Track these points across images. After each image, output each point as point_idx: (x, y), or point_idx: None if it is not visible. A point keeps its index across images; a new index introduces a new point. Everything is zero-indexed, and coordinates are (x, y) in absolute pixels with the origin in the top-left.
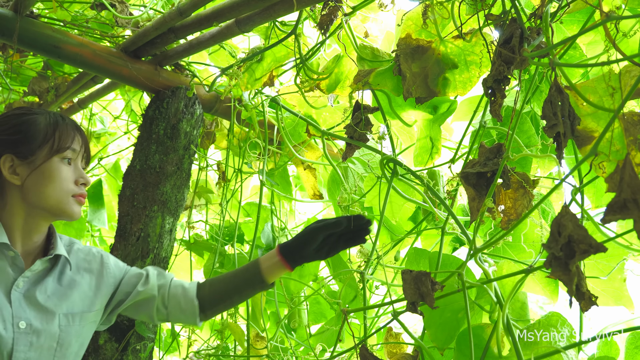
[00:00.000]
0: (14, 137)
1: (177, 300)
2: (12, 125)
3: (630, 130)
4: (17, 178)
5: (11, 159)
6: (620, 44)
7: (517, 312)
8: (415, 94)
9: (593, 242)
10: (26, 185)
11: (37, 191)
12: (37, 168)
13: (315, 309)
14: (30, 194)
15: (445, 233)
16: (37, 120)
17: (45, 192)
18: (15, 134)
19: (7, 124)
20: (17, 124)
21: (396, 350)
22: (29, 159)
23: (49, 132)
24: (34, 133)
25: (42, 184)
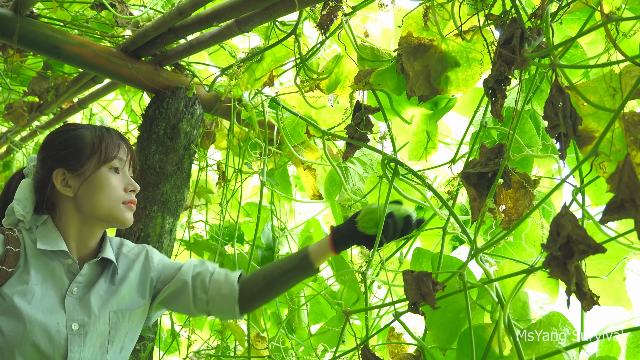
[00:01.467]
0: (63, 152)
1: (219, 285)
2: (60, 141)
3: (631, 130)
4: (70, 190)
5: (62, 173)
6: (621, 44)
7: (519, 312)
8: (418, 92)
9: (592, 243)
10: (78, 196)
11: (89, 201)
12: (87, 179)
13: (315, 308)
14: (83, 204)
15: (446, 233)
16: (83, 134)
17: (96, 201)
18: (65, 149)
19: (56, 140)
20: (65, 139)
21: (398, 351)
22: (79, 171)
23: (95, 144)
24: (81, 146)
25: (93, 193)
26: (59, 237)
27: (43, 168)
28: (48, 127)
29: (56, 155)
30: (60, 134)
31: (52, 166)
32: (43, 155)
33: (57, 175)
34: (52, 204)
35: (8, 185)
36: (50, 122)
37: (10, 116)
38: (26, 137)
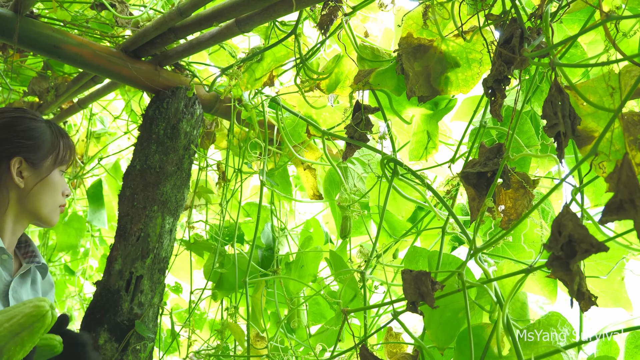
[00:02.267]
0: (27, 142)
1: None
2: (25, 129)
3: (630, 130)
4: (22, 181)
5: (20, 162)
6: (620, 44)
7: (517, 312)
8: (418, 93)
9: (594, 242)
10: (27, 189)
11: (37, 198)
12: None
13: (314, 309)
14: (28, 199)
15: (445, 233)
16: (44, 129)
17: (43, 200)
18: (30, 139)
19: (20, 126)
20: (30, 129)
21: (396, 350)
22: (36, 166)
23: (54, 143)
24: (43, 141)
25: (43, 192)
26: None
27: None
28: None
29: (19, 142)
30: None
31: (12, 152)
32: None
33: (15, 163)
34: None
35: None
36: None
37: None
38: None
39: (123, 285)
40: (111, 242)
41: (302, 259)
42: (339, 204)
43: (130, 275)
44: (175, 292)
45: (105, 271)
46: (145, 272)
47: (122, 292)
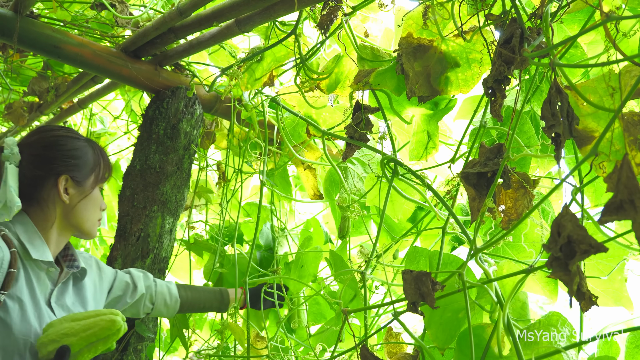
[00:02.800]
0: (73, 161)
1: (164, 297)
2: (70, 148)
3: (630, 130)
4: (67, 197)
5: (66, 179)
6: (621, 44)
7: (518, 312)
8: (418, 93)
9: (593, 242)
10: (72, 205)
11: (80, 213)
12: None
13: (314, 309)
14: (72, 214)
15: (445, 233)
16: (86, 148)
17: (86, 215)
18: (75, 158)
19: (65, 145)
20: (75, 149)
21: (396, 350)
22: (80, 183)
23: (96, 162)
24: (87, 160)
25: (86, 208)
26: (44, 245)
27: (44, 167)
28: None
29: (66, 162)
30: (71, 141)
31: (60, 170)
32: (48, 155)
33: (62, 181)
34: (36, 201)
35: None
36: (50, 122)
37: (10, 116)
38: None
39: None
40: (111, 242)
41: (301, 258)
42: (339, 204)
43: None
44: None
45: None
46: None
47: None
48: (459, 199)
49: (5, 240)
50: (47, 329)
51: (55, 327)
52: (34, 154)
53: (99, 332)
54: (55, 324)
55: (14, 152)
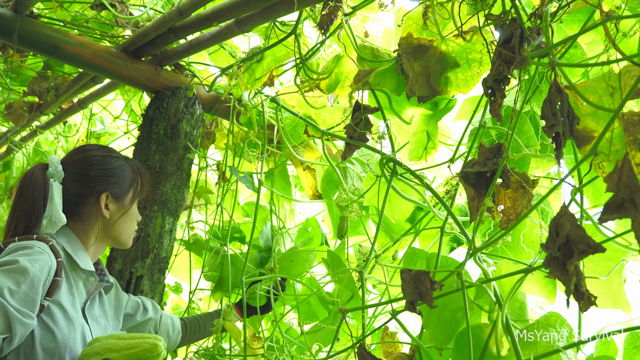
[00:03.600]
0: (113, 179)
1: (167, 328)
2: (111, 167)
3: (630, 130)
4: (108, 213)
5: (107, 196)
6: (620, 44)
7: (516, 312)
8: (418, 93)
9: (591, 242)
10: (112, 220)
11: (119, 227)
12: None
13: (305, 309)
14: (112, 228)
15: (444, 233)
16: (125, 167)
17: (125, 228)
18: (114, 177)
19: (107, 165)
20: (115, 167)
21: (392, 350)
22: (119, 199)
23: (133, 179)
24: (125, 178)
25: (125, 222)
26: (87, 256)
27: (87, 185)
28: (48, 127)
29: (107, 180)
30: (111, 160)
31: (101, 188)
32: (90, 174)
33: (103, 198)
34: (79, 217)
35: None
36: (50, 122)
37: (10, 116)
38: (26, 137)
39: (123, 285)
40: None
41: (292, 254)
42: (338, 203)
43: (130, 275)
44: (175, 292)
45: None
46: (145, 272)
47: None
48: (458, 199)
49: (52, 250)
50: (93, 342)
51: (101, 342)
52: (77, 172)
53: (141, 353)
54: (101, 338)
55: (58, 170)
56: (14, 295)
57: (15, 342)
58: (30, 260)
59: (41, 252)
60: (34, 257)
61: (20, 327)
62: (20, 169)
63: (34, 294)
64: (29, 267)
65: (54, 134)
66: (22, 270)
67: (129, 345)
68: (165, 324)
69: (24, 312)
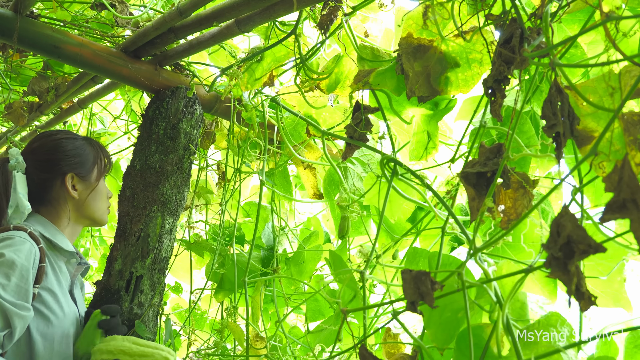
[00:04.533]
0: (75, 160)
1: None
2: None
3: (630, 130)
4: (76, 193)
5: (72, 177)
6: (620, 44)
7: (517, 312)
8: (418, 93)
9: (592, 243)
10: (82, 199)
11: (90, 205)
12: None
13: (312, 306)
14: (83, 207)
15: (444, 233)
16: (86, 146)
17: (96, 205)
18: (76, 157)
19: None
20: (75, 147)
21: (394, 351)
22: (85, 178)
23: (96, 156)
24: (87, 156)
25: (95, 199)
26: (64, 238)
27: (50, 169)
28: (48, 127)
29: (69, 161)
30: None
31: (65, 170)
32: (52, 158)
33: (69, 179)
34: (48, 201)
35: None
36: (50, 122)
37: (10, 116)
38: (26, 137)
39: (123, 285)
40: (111, 242)
41: (302, 255)
42: (339, 203)
43: (130, 275)
44: (175, 292)
45: (105, 271)
46: (145, 272)
47: (122, 292)
48: (458, 199)
49: (32, 237)
50: (110, 340)
51: (117, 341)
52: (39, 159)
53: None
54: (117, 338)
55: (19, 161)
56: (6, 289)
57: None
58: (15, 251)
59: (23, 241)
60: (17, 248)
61: (19, 321)
62: None
63: (25, 285)
64: (15, 258)
65: None
66: (10, 263)
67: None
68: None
69: (19, 304)
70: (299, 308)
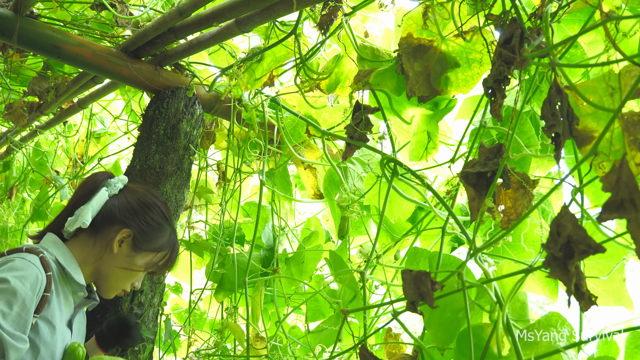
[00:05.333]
0: (146, 229)
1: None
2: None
3: (630, 130)
4: (117, 249)
5: (128, 235)
6: (620, 44)
7: (517, 312)
8: (418, 93)
9: (592, 243)
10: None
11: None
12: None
13: (313, 306)
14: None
15: (445, 233)
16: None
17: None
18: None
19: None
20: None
21: (395, 351)
22: (136, 249)
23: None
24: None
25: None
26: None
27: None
28: (48, 127)
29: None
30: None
31: (130, 224)
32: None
33: (124, 232)
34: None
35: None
36: (50, 122)
37: (10, 116)
38: (26, 137)
39: None
40: None
41: (302, 255)
42: (339, 203)
43: None
44: (175, 292)
45: None
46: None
47: None
48: (458, 199)
49: (43, 263)
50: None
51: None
52: (127, 200)
53: None
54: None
55: (117, 186)
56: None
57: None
58: (21, 279)
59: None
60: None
61: (13, 353)
62: (20, 169)
63: (26, 315)
64: (20, 286)
65: (54, 134)
66: (13, 291)
67: None
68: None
69: (17, 336)
70: (299, 308)
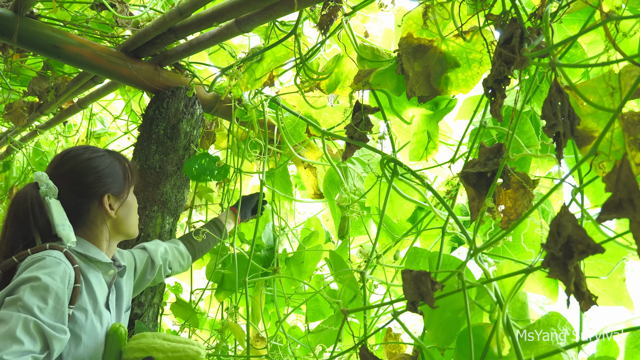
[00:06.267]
0: (108, 179)
1: (178, 260)
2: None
3: (630, 130)
4: (114, 212)
5: (108, 197)
6: (620, 44)
7: (517, 312)
8: (418, 93)
9: (591, 243)
10: (119, 218)
11: (125, 222)
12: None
13: (313, 306)
14: (120, 225)
15: (445, 233)
16: (114, 162)
17: (130, 221)
18: (109, 176)
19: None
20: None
21: (395, 351)
22: (120, 195)
23: (125, 169)
24: (118, 172)
25: (128, 214)
26: (101, 252)
27: (86, 192)
28: (48, 127)
29: (103, 182)
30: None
31: (102, 191)
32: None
33: (106, 200)
34: (86, 224)
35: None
36: (50, 122)
37: (10, 116)
38: (26, 137)
39: None
40: None
41: (302, 255)
42: (339, 203)
43: None
44: (175, 292)
45: None
46: None
47: None
48: (458, 199)
49: (68, 257)
50: (140, 337)
51: (147, 339)
52: (73, 183)
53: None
54: (147, 335)
55: (50, 186)
56: (44, 312)
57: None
58: (50, 274)
59: (58, 262)
60: (52, 270)
61: (57, 344)
62: (20, 169)
63: (61, 307)
64: (50, 281)
65: (54, 134)
66: (46, 287)
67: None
68: (175, 257)
69: (58, 327)
70: (299, 308)
